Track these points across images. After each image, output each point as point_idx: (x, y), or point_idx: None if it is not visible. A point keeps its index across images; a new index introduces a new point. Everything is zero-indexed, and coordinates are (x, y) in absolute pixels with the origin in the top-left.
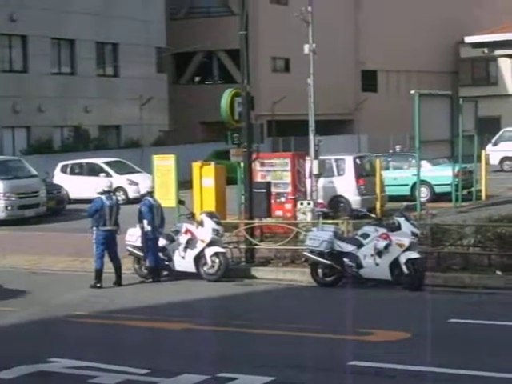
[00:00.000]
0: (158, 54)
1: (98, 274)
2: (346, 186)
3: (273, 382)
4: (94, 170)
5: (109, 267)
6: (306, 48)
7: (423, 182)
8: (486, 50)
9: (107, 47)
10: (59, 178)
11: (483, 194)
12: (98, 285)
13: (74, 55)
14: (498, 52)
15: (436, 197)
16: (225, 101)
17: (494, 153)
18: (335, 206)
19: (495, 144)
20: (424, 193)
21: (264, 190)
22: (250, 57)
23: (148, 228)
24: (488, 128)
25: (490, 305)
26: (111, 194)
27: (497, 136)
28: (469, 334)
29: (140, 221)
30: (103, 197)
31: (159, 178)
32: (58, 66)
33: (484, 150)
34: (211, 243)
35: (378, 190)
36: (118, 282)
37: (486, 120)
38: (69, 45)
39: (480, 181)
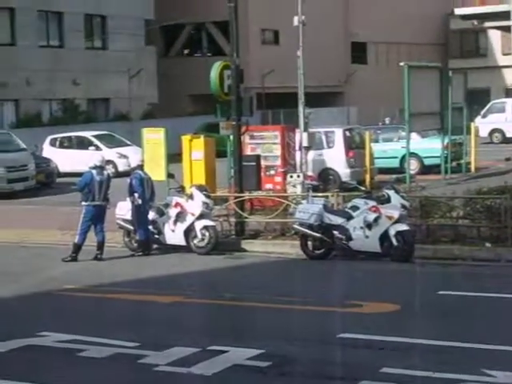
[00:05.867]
0: (147, 27)
1: (77, 248)
2: (336, 158)
3: (263, 354)
4: (84, 144)
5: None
6: (296, 20)
7: (412, 155)
8: (475, 22)
9: (96, 19)
10: (48, 151)
11: (472, 166)
12: (74, 255)
13: (62, 28)
14: (487, 24)
15: (425, 169)
16: (214, 74)
17: (483, 125)
18: (325, 178)
19: (484, 116)
20: (413, 165)
21: (254, 163)
22: (239, 29)
23: (139, 201)
24: (477, 100)
25: (479, 277)
26: (103, 169)
27: (486, 108)
28: (458, 305)
29: (130, 194)
30: (94, 171)
31: (149, 151)
32: (47, 38)
33: (473, 122)
34: (201, 216)
35: (367, 163)
36: (100, 258)
37: (475, 92)
38: (57, 17)
39: (469, 153)
